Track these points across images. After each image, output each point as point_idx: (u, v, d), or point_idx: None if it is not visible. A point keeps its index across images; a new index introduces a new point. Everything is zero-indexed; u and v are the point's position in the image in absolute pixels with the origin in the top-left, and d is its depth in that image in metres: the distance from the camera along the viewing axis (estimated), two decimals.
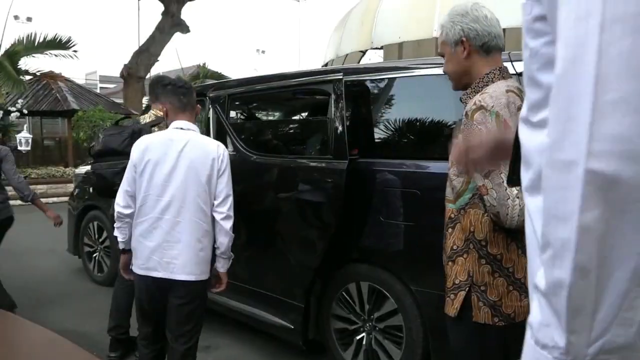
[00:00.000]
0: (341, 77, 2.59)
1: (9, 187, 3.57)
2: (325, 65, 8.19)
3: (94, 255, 4.47)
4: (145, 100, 11.99)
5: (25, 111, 11.27)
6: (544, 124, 0.57)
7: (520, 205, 1.39)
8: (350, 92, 2.61)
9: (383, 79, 2.65)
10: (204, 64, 15.88)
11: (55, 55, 11.55)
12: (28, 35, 11.05)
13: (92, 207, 4.41)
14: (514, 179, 0.80)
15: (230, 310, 3.16)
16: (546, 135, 0.55)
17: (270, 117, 5.37)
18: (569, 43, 0.51)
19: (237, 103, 3.77)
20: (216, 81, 4.51)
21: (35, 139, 12.24)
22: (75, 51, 11.61)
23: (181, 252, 2.09)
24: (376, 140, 2.67)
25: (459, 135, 1.58)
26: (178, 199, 2.09)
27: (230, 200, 2.21)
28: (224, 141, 3.23)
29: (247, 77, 3.62)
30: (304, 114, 4.75)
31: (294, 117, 4.89)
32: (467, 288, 1.53)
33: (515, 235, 1.47)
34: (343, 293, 2.65)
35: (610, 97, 0.48)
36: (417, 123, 2.57)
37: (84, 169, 4.75)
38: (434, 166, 2.26)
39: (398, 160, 2.48)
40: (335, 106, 2.60)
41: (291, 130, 3.83)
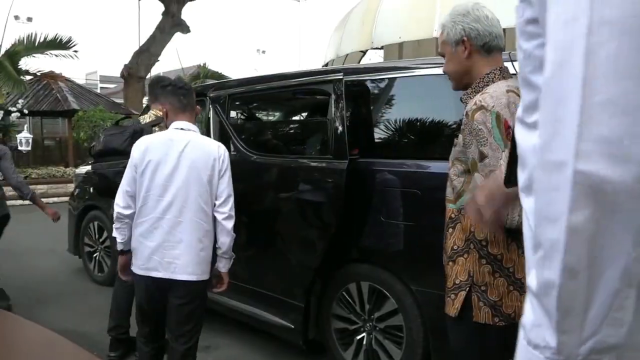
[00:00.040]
0: (341, 77, 2.59)
1: (7, 187, 3.60)
2: (326, 65, 8.19)
3: (95, 255, 4.47)
4: (145, 101, 11.99)
5: (25, 111, 11.29)
6: (538, 125, 0.58)
7: (520, 206, 1.39)
8: (350, 92, 2.61)
9: (383, 79, 2.65)
10: (205, 64, 15.89)
11: (56, 56, 11.56)
12: (28, 36, 11.05)
13: (92, 207, 4.41)
14: (511, 180, 0.80)
15: (231, 310, 3.16)
16: (537, 136, 0.55)
17: (270, 117, 5.37)
18: (557, 46, 0.51)
19: (237, 103, 3.77)
20: (216, 81, 4.52)
21: (35, 139, 12.24)
22: (75, 51, 11.63)
23: (182, 252, 2.09)
24: (376, 140, 2.67)
25: (460, 136, 1.58)
26: (179, 199, 2.09)
27: (232, 200, 2.21)
28: (224, 141, 3.23)
29: (247, 77, 3.62)
30: (304, 114, 4.75)
31: (294, 117, 4.89)
32: (468, 288, 1.53)
33: (515, 235, 1.47)
34: (343, 293, 2.65)
35: (598, 99, 0.48)
36: (418, 123, 2.57)
37: (84, 169, 4.75)
38: (435, 166, 2.26)
39: (398, 160, 2.48)
40: (336, 106, 2.60)
41: (291, 130, 3.83)
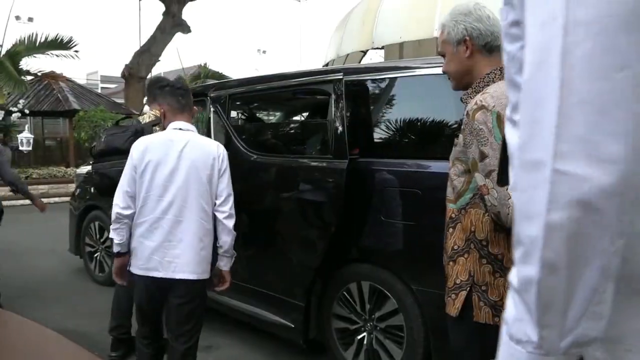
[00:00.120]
0: (341, 77, 2.59)
1: (6, 188, 3.68)
2: (326, 65, 8.19)
3: (95, 255, 4.48)
4: (146, 101, 12.00)
5: (26, 111, 11.32)
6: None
7: None
8: (350, 92, 2.61)
9: (383, 79, 2.65)
10: (205, 64, 15.91)
11: (57, 56, 11.58)
12: (29, 36, 11.08)
13: (93, 207, 4.41)
14: (503, 178, 0.80)
15: (232, 310, 3.16)
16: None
17: (270, 117, 5.37)
18: (535, 47, 0.52)
19: (237, 103, 3.78)
20: (217, 81, 4.52)
21: (36, 139, 12.26)
22: (76, 51, 11.65)
23: (183, 251, 2.10)
24: (377, 140, 2.67)
25: (460, 136, 1.58)
26: (180, 199, 2.10)
27: (232, 199, 2.23)
28: (224, 141, 3.23)
29: (247, 77, 3.62)
30: (305, 114, 4.76)
31: (295, 117, 4.89)
32: (468, 288, 1.53)
33: None
34: (344, 293, 2.65)
35: (574, 99, 0.49)
36: (418, 123, 2.57)
37: (85, 169, 4.76)
38: (435, 166, 2.26)
39: (399, 160, 2.48)
40: (336, 106, 2.60)
41: (291, 130, 3.83)
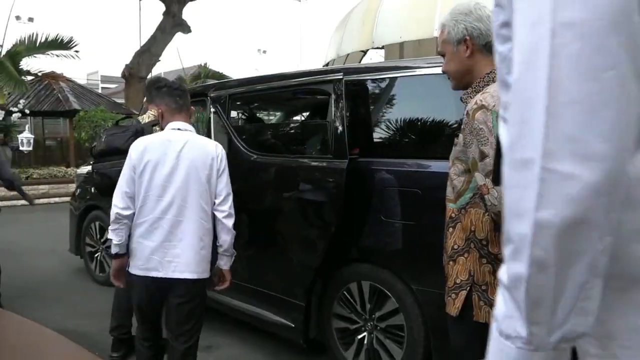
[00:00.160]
0: (341, 77, 2.59)
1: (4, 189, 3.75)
2: (327, 64, 8.19)
3: (96, 255, 4.48)
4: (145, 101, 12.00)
5: (27, 111, 11.31)
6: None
7: None
8: (350, 92, 2.61)
9: (383, 79, 2.65)
10: (206, 64, 15.91)
11: (57, 56, 11.57)
12: (30, 36, 11.07)
13: (93, 207, 4.41)
14: (496, 178, 0.80)
15: (232, 309, 3.16)
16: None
17: (270, 117, 5.37)
18: (523, 48, 0.53)
19: (237, 103, 3.78)
20: (217, 81, 4.52)
21: (37, 139, 12.25)
22: (76, 51, 11.64)
23: (183, 251, 2.10)
24: (377, 140, 2.67)
25: (460, 136, 1.58)
26: (179, 198, 2.10)
27: (231, 198, 2.24)
28: (225, 141, 3.23)
29: (247, 77, 3.62)
30: (305, 114, 4.76)
31: (295, 117, 4.89)
32: (468, 287, 1.53)
33: None
34: (344, 292, 2.65)
35: (562, 99, 0.50)
36: (418, 122, 2.57)
37: (85, 169, 4.76)
38: (435, 165, 2.26)
39: (399, 160, 2.48)
40: (336, 106, 2.60)
41: (291, 130, 3.83)
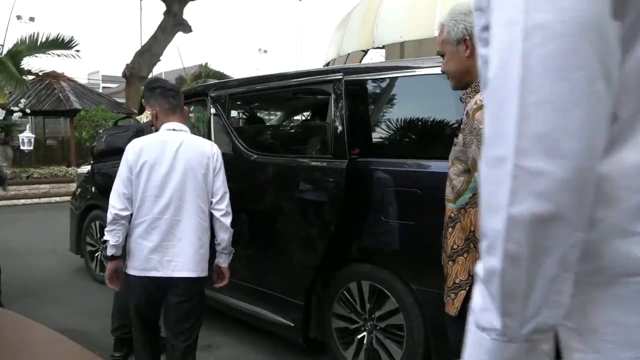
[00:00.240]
0: (341, 77, 2.59)
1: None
2: (327, 64, 8.20)
3: (96, 254, 4.48)
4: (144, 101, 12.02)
5: (28, 111, 11.32)
6: None
7: None
8: (350, 92, 2.61)
9: (383, 79, 2.64)
10: (206, 63, 15.89)
11: (58, 55, 11.55)
12: (31, 35, 11.06)
13: (94, 206, 4.41)
14: None
15: (231, 309, 3.17)
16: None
17: (271, 117, 5.37)
18: (498, 49, 0.55)
19: (238, 103, 3.78)
20: (217, 81, 4.52)
21: (37, 138, 12.26)
22: (77, 51, 11.62)
23: (182, 250, 2.11)
24: (377, 140, 2.67)
25: (460, 135, 1.58)
26: (177, 198, 2.11)
27: (228, 196, 2.27)
28: (225, 141, 3.23)
29: (247, 77, 3.62)
30: (305, 114, 4.76)
31: (295, 116, 4.89)
32: (468, 287, 1.53)
33: None
34: (344, 292, 2.65)
35: (534, 98, 0.51)
36: (418, 122, 2.57)
37: (86, 168, 4.76)
38: (435, 165, 2.26)
39: (399, 160, 2.48)
40: (335, 106, 2.60)
41: (291, 130, 3.83)
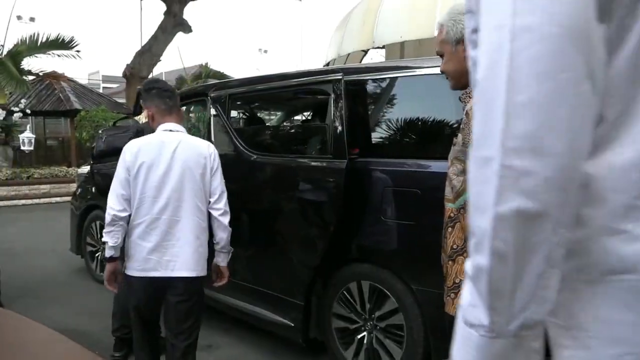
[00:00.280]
0: (340, 77, 2.59)
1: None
2: (327, 64, 8.20)
3: (97, 254, 4.48)
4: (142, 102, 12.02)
5: (28, 111, 11.32)
6: None
7: None
8: (349, 92, 2.61)
9: (382, 79, 2.64)
10: (207, 63, 15.89)
11: (58, 55, 11.56)
12: (31, 36, 11.06)
13: (94, 206, 4.42)
14: None
15: (231, 308, 3.17)
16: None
17: (270, 117, 5.37)
18: (487, 50, 0.56)
19: (237, 103, 3.78)
20: (217, 81, 4.52)
21: (38, 138, 12.27)
22: (78, 51, 11.62)
23: (181, 250, 2.12)
24: (376, 140, 2.67)
25: (459, 135, 1.58)
26: (175, 198, 2.12)
27: (225, 196, 2.28)
28: (225, 141, 3.23)
29: (247, 77, 3.63)
30: (304, 114, 4.76)
31: (294, 117, 4.89)
32: None
33: None
34: (344, 292, 2.65)
35: (520, 99, 0.52)
36: (417, 122, 2.57)
37: (86, 168, 4.77)
38: (435, 165, 2.26)
39: (398, 160, 2.48)
40: (335, 106, 2.60)
41: (291, 130, 3.84)
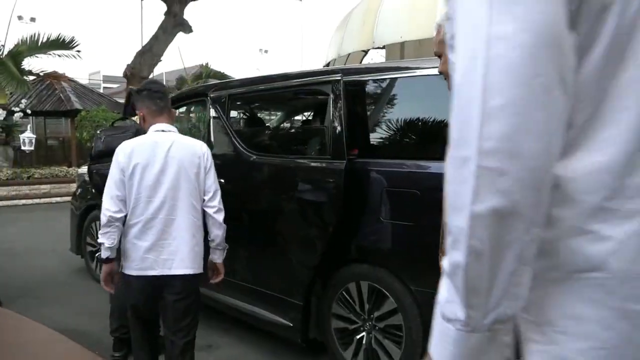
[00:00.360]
0: (339, 77, 2.60)
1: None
2: (327, 64, 8.20)
3: (97, 254, 4.48)
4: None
5: (28, 111, 11.34)
6: None
7: None
8: (349, 93, 2.61)
9: (381, 79, 2.65)
10: (207, 63, 15.92)
11: (59, 56, 11.55)
12: (32, 36, 11.06)
13: (94, 206, 4.42)
14: None
15: (230, 308, 3.18)
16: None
17: (270, 118, 5.38)
18: (463, 56, 0.58)
19: (237, 103, 3.78)
20: (217, 81, 4.52)
21: (38, 139, 12.28)
22: (78, 51, 11.61)
23: (178, 248, 2.14)
24: (375, 141, 2.67)
25: None
26: (170, 198, 2.14)
27: (219, 194, 2.30)
28: (224, 141, 3.24)
29: (247, 78, 3.63)
30: (304, 115, 4.76)
31: (294, 117, 4.90)
32: None
33: None
34: (343, 292, 2.66)
35: (496, 103, 0.54)
36: (416, 123, 2.58)
37: (86, 168, 4.77)
38: (434, 166, 2.26)
39: (397, 161, 2.48)
40: (334, 107, 2.60)
41: (291, 131, 3.84)
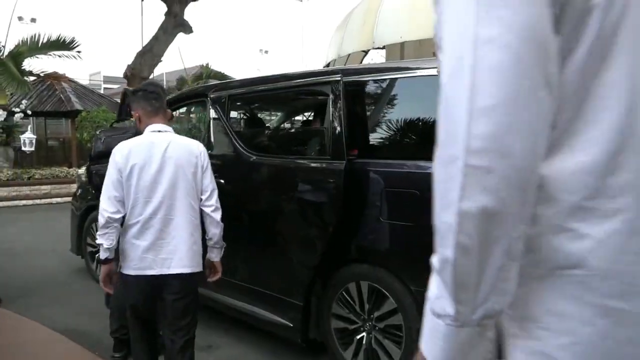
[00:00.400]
0: (339, 78, 2.60)
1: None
2: (327, 65, 8.20)
3: (97, 255, 4.48)
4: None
5: (29, 112, 11.35)
6: None
7: None
8: (348, 93, 2.61)
9: (381, 80, 2.65)
10: (207, 64, 15.93)
11: (59, 56, 11.54)
12: (32, 36, 11.05)
13: (94, 207, 4.42)
14: None
15: (230, 308, 3.18)
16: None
17: (270, 118, 5.38)
18: (450, 57, 0.60)
19: (237, 104, 3.78)
20: (217, 82, 4.53)
21: (39, 139, 12.30)
22: (79, 52, 11.60)
23: (177, 248, 2.15)
24: (375, 141, 2.67)
25: None
26: (168, 197, 2.14)
27: (216, 193, 2.31)
28: (224, 142, 3.24)
29: (246, 78, 3.64)
30: (303, 115, 4.76)
31: (293, 118, 4.90)
32: None
33: None
34: (343, 293, 2.66)
35: (482, 104, 0.56)
36: (416, 124, 2.57)
37: (86, 169, 4.77)
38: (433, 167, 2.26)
39: (397, 161, 2.48)
40: (334, 107, 2.60)
41: (290, 131, 3.84)
